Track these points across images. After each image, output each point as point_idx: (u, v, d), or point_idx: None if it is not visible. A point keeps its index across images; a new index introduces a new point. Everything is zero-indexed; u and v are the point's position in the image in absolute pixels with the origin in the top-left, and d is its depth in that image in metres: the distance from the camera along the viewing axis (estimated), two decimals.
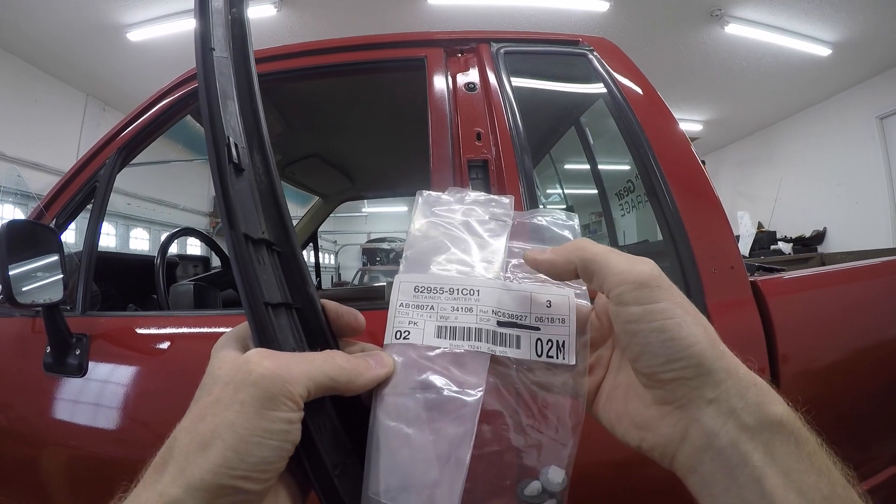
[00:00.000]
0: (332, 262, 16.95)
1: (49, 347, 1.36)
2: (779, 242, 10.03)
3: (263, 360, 0.40)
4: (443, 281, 0.53)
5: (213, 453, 0.36)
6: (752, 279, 1.24)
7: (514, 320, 0.51)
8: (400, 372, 0.48)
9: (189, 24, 6.47)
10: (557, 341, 0.50)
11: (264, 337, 0.44)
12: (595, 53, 1.58)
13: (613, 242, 2.59)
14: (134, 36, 7.29)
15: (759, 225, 10.19)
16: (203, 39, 0.50)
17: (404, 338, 0.50)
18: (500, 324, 0.50)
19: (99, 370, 1.32)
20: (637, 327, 0.43)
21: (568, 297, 0.52)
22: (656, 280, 0.43)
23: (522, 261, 0.54)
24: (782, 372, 1.14)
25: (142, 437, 1.23)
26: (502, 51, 1.56)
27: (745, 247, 6.62)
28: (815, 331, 1.25)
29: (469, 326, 0.50)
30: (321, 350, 0.46)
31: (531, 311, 0.51)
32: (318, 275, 3.95)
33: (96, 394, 1.30)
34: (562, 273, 0.49)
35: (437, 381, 0.47)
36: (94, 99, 9.16)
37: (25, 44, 7.34)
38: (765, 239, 9.77)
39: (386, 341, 0.51)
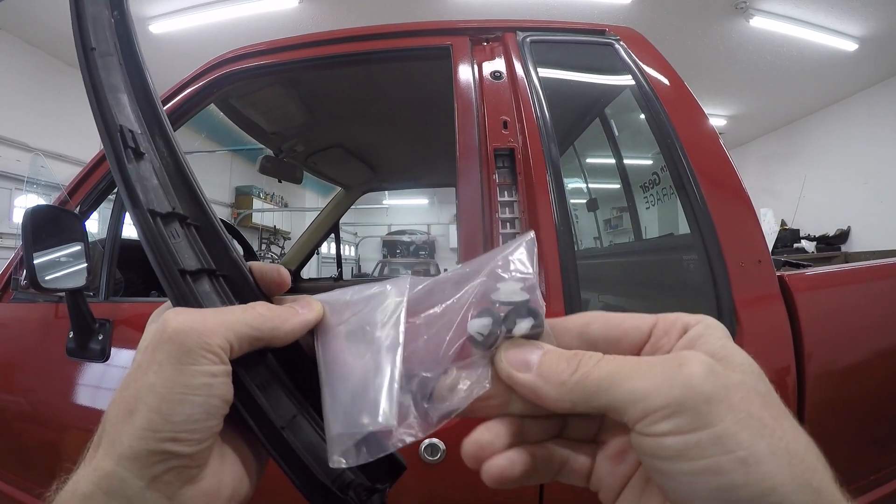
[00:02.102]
0: (353, 253, 17.03)
1: (72, 332, 1.37)
2: (802, 241, 9.92)
3: (178, 316, 0.38)
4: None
5: (139, 418, 0.35)
6: (779, 274, 1.22)
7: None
8: (330, 313, 0.46)
9: (210, 16, 6.51)
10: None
11: (183, 302, 0.43)
12: (622, 43, 1.56)
13: (638, 236, 2.56)
14: (155, 28, 7.35)
15: (783, 222, 10.08)
16: (83, 40, 0.52)
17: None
18: None
19: (121, 356, 1.33)
20: (673, 467, 0.30)
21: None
22: (706, 393, 0.29)
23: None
24: (807, 370, 1.13)
25: None
26: (528, 40, 1.54)
27: (767, 244, 6.55)
28: (841, 328, 1.24)
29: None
30: None
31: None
32: (339, 265, 3.94)
33: (119, 379, 1.30)
34: (555, 409, 0.36)
35: (363, 301, 0.45)
36: None
37: (48, 36, 7.44)
38: (788, 237, 9.67)
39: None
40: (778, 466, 0.28)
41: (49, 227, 1.38)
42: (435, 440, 1.08)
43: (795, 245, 9.66)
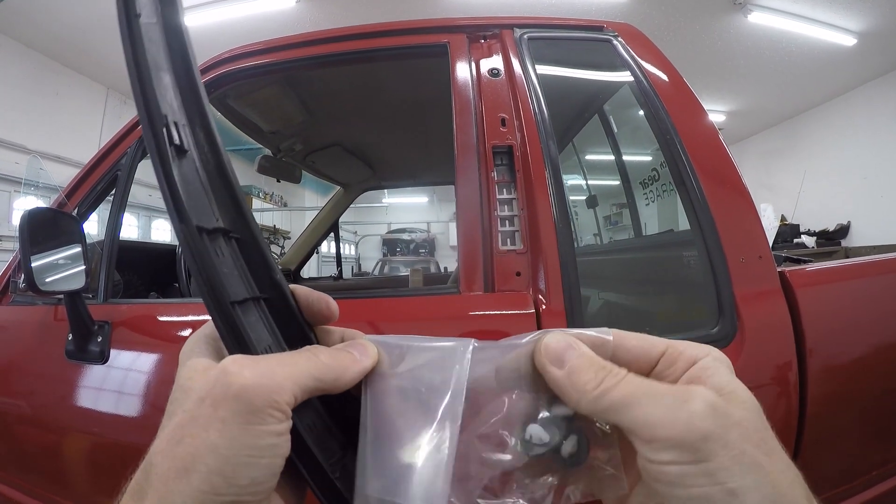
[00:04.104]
0: (353, 252, 17.03)
1: (71, 335, 1.36)
2: (802, 236, 9.91)
3: (243, 370, 0.35)
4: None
5: (197, 479, 0.32)
6: (780, 270, 1.22)
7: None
8: (384, 359, 0.44)
9: (207, 17, 6.49)
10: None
11: (237, 342, 0.40)
12: (620, 39, 1.56)
13: (637, 232, 2.56)
14: None
15: (782, 218, 10.08)
16: (126, 4, 0.42)
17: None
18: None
19: (121, 357, 1.33)
20: (671, 492, 0.33)
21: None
22: (704, 432, 0.32)
23: None
24: (809, 365, 1.13)
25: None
26: (526, 37, 1.54)
27: (768, 240, 6.54)
28: (843, 323, 1.24)
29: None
30: (299, 344, 0.43)
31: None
32: (338, 264, 3.95)
33: (118, 381, 1.31)
34: (573, 408, 0.39)
35: (422, 355, 0.43)
36: (115, 92, 9.21)
37: (45, 38, 7.42)
38: (788, 232, 9.66)
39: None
40: (761, 498, 0.31)
41: (47, 229, 1.38)
42: None
43: (795, 240, 9.64)
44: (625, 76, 1.52)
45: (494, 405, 0.42)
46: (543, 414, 0.41)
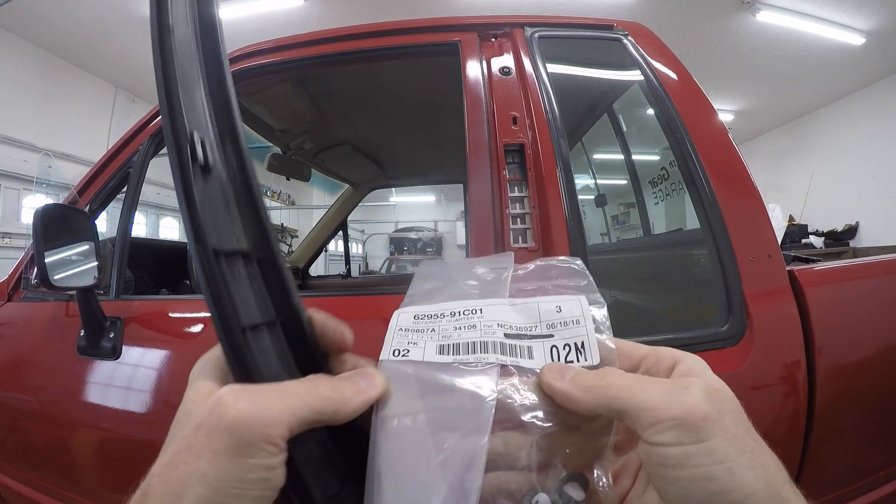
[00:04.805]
0: (360, 251, 17.04)
1: (83, 331, 1.37)
2: (810, 236, 9.87)
3: (237, 402, 0.35)
4: (443, 307, 0.51)
5: None
6: (789, 269, 1.22)
7: (523, 332, 0.47)
8: (398, 389, 0.43)
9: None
10: (575, 343, 0.45)
11: (241, 370, 0.39)
12: (629, 38, 1.56)
13: (646, 231, 2.55)
14: None
15: (790, 218, 10.05)
16: (160, 18, 0.41)
17: (402, 355, 0.46)
18: (507, 336, 0.46)
19: (132, 353, 1.34)
20: (675, 474, 0.36)
21: (579, 300, 0.49)
22: (704, 413, 0.36)
23: (525, 289, 0.52)
24: (818, 364, 1.13)
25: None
26: (536, 35, 1.54)
27: (777, 239, 6.52)
28: (851, 323, 1.23)
29: (474, 341, 0.46)
30: (311, 371, 0.43)
31: (540, 319, 0.48)
32: (346, 263, 3.94)
33: (129, 376, 1.32)
34: (581, 412, 0.41)
35: (441, 396, 0.43)
36: (124, 91, 9.23)
37: (55, 37, 7.42)
38: (796, 232, 9.63)
39: (382, 357, 0.47)
40: (756, 478, 0.35)
41: (59, 225, 1.39)
42: None
43: (804, 241, 9.61)
44: (634, 75, 1.53)
45: (503, 458, 0.42)
46: (552, 482, 0.41)
